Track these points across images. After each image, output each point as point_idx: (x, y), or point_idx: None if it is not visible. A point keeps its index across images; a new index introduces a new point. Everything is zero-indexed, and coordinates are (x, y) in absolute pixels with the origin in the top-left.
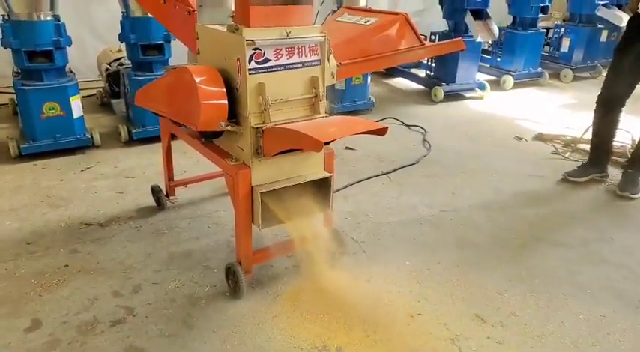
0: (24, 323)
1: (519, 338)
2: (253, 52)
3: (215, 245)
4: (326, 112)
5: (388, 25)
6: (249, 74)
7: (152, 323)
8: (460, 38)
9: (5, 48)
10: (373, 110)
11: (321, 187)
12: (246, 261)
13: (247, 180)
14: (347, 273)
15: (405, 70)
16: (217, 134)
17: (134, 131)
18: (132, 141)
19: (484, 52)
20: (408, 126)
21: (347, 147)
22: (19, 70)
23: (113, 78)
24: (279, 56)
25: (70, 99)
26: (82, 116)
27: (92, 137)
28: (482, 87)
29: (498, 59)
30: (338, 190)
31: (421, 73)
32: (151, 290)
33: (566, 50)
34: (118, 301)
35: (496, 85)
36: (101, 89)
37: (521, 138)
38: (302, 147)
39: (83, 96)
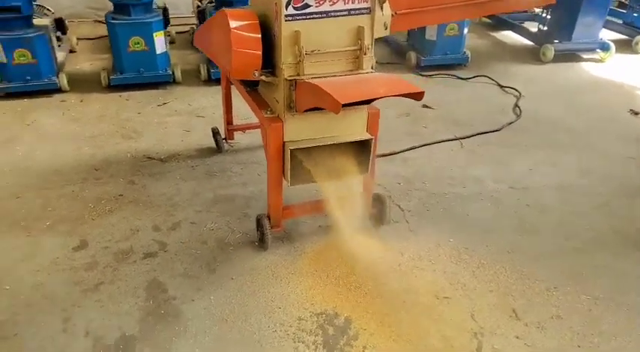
0: (74, 242)
1: (554, 345)
2: None
3: (260, 194)
4: (372, 68)
5: None
6: (285, 21)
7: (179, 262)
8: None
9: None
10: (467, 66)
11: (362, 149)
12: (275, 214)
13: (279, 134)
14: (380, 242)
15: (516, 22)
16: (257, 83)
17: (212, 70)
18: (210, 81)
19: (620, 4)
20: (501, 87)
21: (424, 105)
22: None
23: (202, 15)
24: (321, 1)
25: (154, 35)
26: (166, 52)
27: (173, 74)
28: (605, 47)
29: (635, 15)
30: (398, 152)
31: (534, 27)
32: (188, 229)
33: None
34: (156, 235)
35: (626, 46)
36: (194, 26)
37: (637, 113)
38: (323, 106)
39: (177, 32)
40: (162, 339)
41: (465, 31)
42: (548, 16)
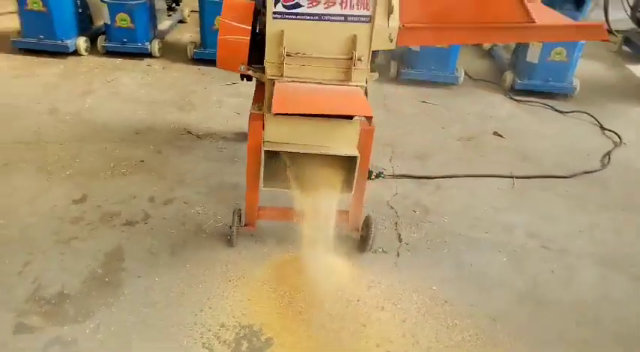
0: (77, 195)
1: None
2: None
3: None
4: (366, 82)
5: None
6: (273, 18)
7: (150, 236)
8: (602, 24)
9: None
10: (573, 97)
11: (350, 166)
12: (249, 212)
13: (257, 131)
14: (352, 270)
15: None
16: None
17: None
18: None
19: None
20: (602, 128)
21: (495, 132)
22: None
23: None
24: (314, 3)
25: None
26: None
27: None
28: None
29: None
30: (433, 177)
31: None
32: (177, 207)
33: None
34: (147, 206)
35: None
36: None
37: None
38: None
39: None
40: (89, 304)
41: (577, 57)
42: None
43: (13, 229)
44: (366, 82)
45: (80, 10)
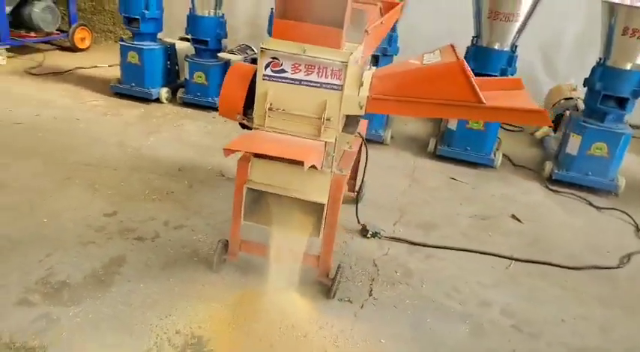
0: (110, 210)
1: None
2: (270, 60)
3: None
4: (335, 139)
5: (441, 69)
6: (262, 79)
7: (152, 252)
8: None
9: None
10: (617, 195)
11: (320, 212)
12: (232, 243)
13: (243, 171)
14: (310, 309)
15: None
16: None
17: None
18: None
19: None
20: (637, 229)
21: (513, 216)
22: None
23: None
24: (296, 70)
25: None
26: None
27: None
28: None
29: None
30: (428, 246)
31: None
32: (184, 233)
33: None
34: (160, 228)
35: None
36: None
37: None
38: None
39: None
40: (81, 295)
41: (621, 154)
42: None
43: (51, 228)
44: (336, 138)
45: (169, 66)
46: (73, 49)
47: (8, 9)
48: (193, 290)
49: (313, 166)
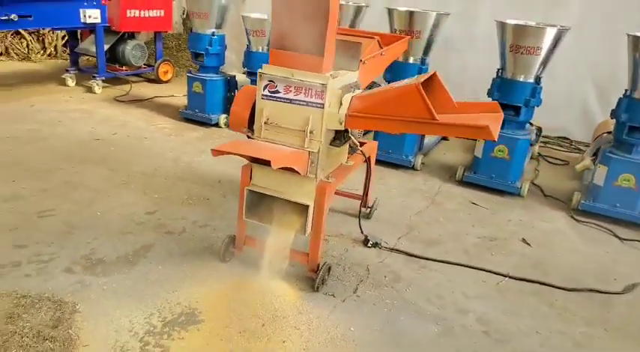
0: (151, 209)
1: None
2: (268, 83)
3: None
4: (318, 150)
5: (403, 91)
6: (261, 98)
7: (175, 243)
8: (499, 114)
9: None
10: None
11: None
12: (238, 237)
13: (246, 175)
14: (294, 297)
15: None
16: None
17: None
18: None
19: None
20: None
21: (523, 240)
22: None
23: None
24: (288, 91)
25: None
26: None
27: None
28: None
29: None
30: (426, 258)
31: None
32: (207, 231)
33: None
34: (188, 225)
35: None
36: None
37: None
38: None
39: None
40: (112, 270)
41: None
42: None
43: (103, 219)
44: (318, 149)
45: (229, 95)
46: (157, 80)
47: (106, 47)
48: (201, 274)
49: (295, 171)
